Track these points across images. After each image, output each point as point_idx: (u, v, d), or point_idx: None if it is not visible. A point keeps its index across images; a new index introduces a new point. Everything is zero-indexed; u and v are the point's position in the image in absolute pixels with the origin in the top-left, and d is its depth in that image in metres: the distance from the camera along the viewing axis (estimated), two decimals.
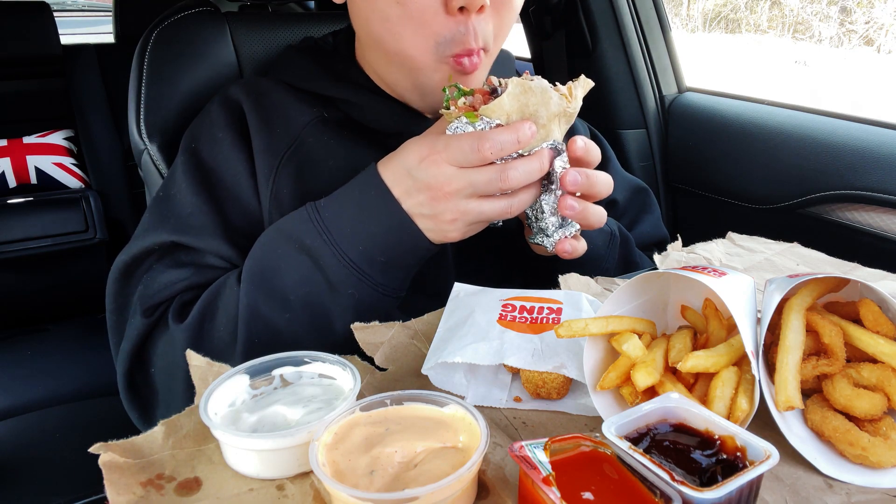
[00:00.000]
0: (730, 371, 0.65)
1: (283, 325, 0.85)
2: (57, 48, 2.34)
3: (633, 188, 1.30)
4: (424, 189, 0.80)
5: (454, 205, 0.80)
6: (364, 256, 0.84)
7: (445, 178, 0.79)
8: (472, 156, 0.77)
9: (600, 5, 1.94)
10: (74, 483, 1.52)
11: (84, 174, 2.42)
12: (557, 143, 0.82)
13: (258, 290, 0.86)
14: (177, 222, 0.97)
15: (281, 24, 1.41)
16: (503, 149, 0.77)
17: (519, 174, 0.78)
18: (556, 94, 0.80)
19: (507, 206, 0.81)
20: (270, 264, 0.87)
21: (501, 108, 0.78)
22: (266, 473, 0.60)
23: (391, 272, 0.86)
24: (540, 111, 0.79)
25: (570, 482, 0.52)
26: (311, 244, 0.85)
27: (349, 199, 0.86)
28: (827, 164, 1.53)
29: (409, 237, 0.83)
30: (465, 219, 0.81)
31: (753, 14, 9.02)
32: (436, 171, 0.79)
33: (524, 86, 0.78)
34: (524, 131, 0.77)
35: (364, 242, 0.84)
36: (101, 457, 0.58)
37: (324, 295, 0.85)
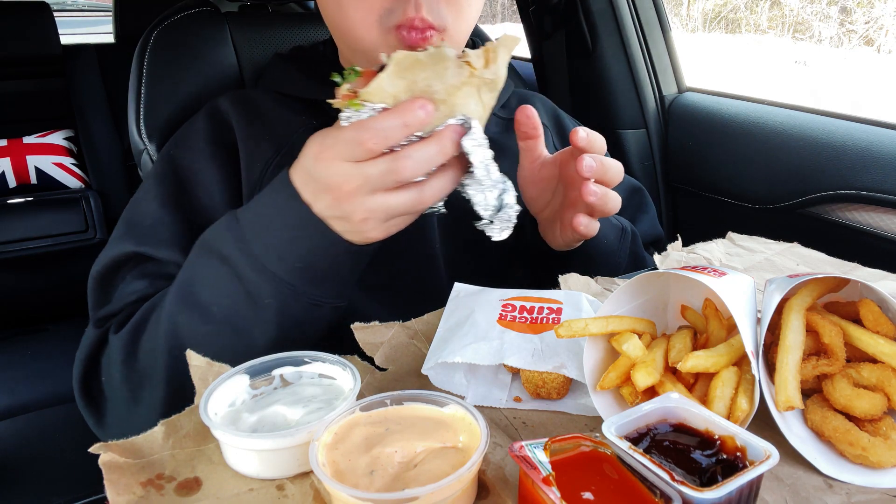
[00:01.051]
0: (730, 371, 0.65)
1: (203, 338, 0.80)
2: (57, 48, 2.34)
3: (628, 188, 1.30)
4: (325, 190, 0.74)
5: (359, 203, 0.73)
6: (281, 264, 0.78)
7: (341, 177, 0.72)
8: (357, 150, 0.70)
9: (600, 5, 1.94)
10: (74, 483, 1.52)
11: (84, 174, 2.42)
12: (466, 118, 0.72)
13: (181, 302, 0.83)
14: (141, 232, 0.96)
15: (281, 24, 1.41)
16: (389, 136, 0.69)
17: (414, 163, 0.70)
18: (454, 62, 0.70)
19: (416, 197, 0.73)
20: (195, 276, 0.84)
21: (382, 89, 0.69)
22: (266, 473, 0.60)
23: (315, 280, 0.80)
24: (434, 85, 0.69)
25: (570, 482, 0.52)
26: (229, 254, 0.80)
27: (263, 205, 0.81)
28: (827, 164, 1.53)
29: (325, 241, 0.77)
30: (377, 216, 0.74)
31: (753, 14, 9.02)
32: (330, 170, 0.72)
33: (410, 59, 0.68)
34: (414, 114, 0.68)
35: (279, 249, 0.78)
36: (101, 457, 0.58)
37: (245, 307, 0.80)
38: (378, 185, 0.71)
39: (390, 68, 0.68)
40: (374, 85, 0.69)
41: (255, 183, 1.01)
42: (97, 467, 0.57)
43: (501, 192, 0.76)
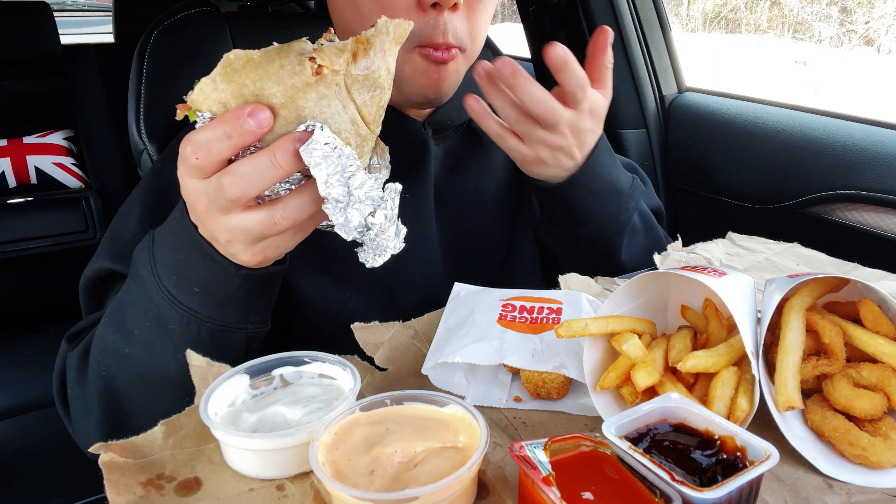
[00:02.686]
0: (730, 371, 0.65)
1: (125, 360, 0.78)
2: (57, 48, 2.35)
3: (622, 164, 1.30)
4: (190, 209, 0.69)
5: (217, 224, 0.66)
6: (178, 286, 0.74)
7: (193, 194, 0.66)
8: (185, 165, 0.63)
9: (600, 5, 1.94)
10: (74, 483, 1.52)
11: (84, 174, 2.42)
12: (313, 125, 0.61)
13: (111, 323, 0.81)
14: (118, 249, 0.95)
15: (281, 25, 1.41)
16: (212, 150, 0.60)
17: (237, 178, 0.61)
18: (294, 59, 0.58)
19: (267, 218, 0.64)
20: (122, 296, 0.81)
21: (206, 95, 0.59)
22: (266, 473, 0.60)
23: (215, 305, 0.74)
24: (267, 88, 0.59)
25: (570, 482, 0.52)
26: (142, 273, 0.76)
27: (167, 226, 0.76)
28: (827, 164, 1.53)
29: (214, 264, 0.71)
30: (239, 238, 0.67)
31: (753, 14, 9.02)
32: (185, 187, 0.67)
33: (242, 59, 0.58)
34: (238, 122, 0.58)
35: (177, 272, 0.74)
36: (101, 457, 0.58)
37: (158, 330, 0.76)
38: (220, 204, 0.64)
39: (217, 70, 0.58)
40: (196, 92, 0.59)
41: None
42: (97, 467, 0.57)
43: (371, 211, 0.63)
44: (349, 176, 0.62)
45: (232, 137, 0.59)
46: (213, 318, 0.75)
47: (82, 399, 0.85)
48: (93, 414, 0.82)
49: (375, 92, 0.63)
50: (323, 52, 0.59)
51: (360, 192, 0.62)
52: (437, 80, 0.92)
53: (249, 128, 0.58)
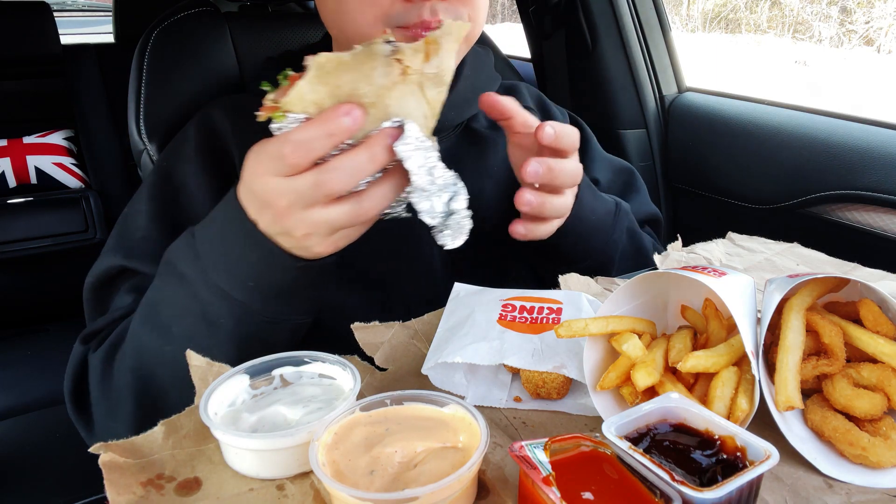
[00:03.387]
0: (730, 371, 0.65)
1: (165, 358, 0.79)
2: (57, 48, 2.34)
3: (616, 168, 1.29)
4: (265, 206, 0.70)
5: (297, 219, 0.68)
6: (231, 282, 0.75)
7: (274, 193, 0.68)
8: (280, 164, 0.66)
9: (600, 5, 1.94)
10: (74, 483, 1.52)
11: (84, 174, 2.42)
12: (400, 121, 0.66)
13: (145, 321, 0.81)
14: (130, 246, 0.96)
15: (281, 24, 1.41)
16: (312, 148, 0.64)
17: (341, 174, 0.65)
18: (382, 60, 0.64)
19: (355, 210, 0.68)
20: (158, 294, 0.82)
21: (302, 98, 0.63)
22: (266, 473, 0.60)
23: (268, 297, 0.77)
24: (360, 88, 0.64)
25: (570, 482, 0.52)
26: (185, 270, 0.78)
27: (214, 222, 0.78)
28: (827, 164, 1.53)
29: (274, 258, 0.73)
30: (319, 231, 0.70)
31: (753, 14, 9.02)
32: (264, 186, 0.68)
33: (333, 62, 0.62)
34: (337, 121, 0.62)
35: (229, 267, 0.75)
36: (101, 457, 0.58)
37: (202, 326, 0.77)
38: (311, 200, 0.67)
39: (310, 74, 0.62)
40: (293, 94, 0.63)
41: None
42: (97, 467, 0.57)
43: (450, 197, 0.70)
44: (431, 166, 0.68)
45: (333, 136, 0.63)
46: (265, 311, 0.77)
47: (108, 400, 0.85)
48: (122, 414, 0.82)
49: (441, 88, 0.69)
50: (404, 53, 0.64)
51: (441, 180, 0.69)
52: None
53: (347, 126, 0.63)
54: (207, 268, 0.76)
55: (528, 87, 1.31)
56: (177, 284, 0.79)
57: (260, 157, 0.69)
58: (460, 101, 1.07)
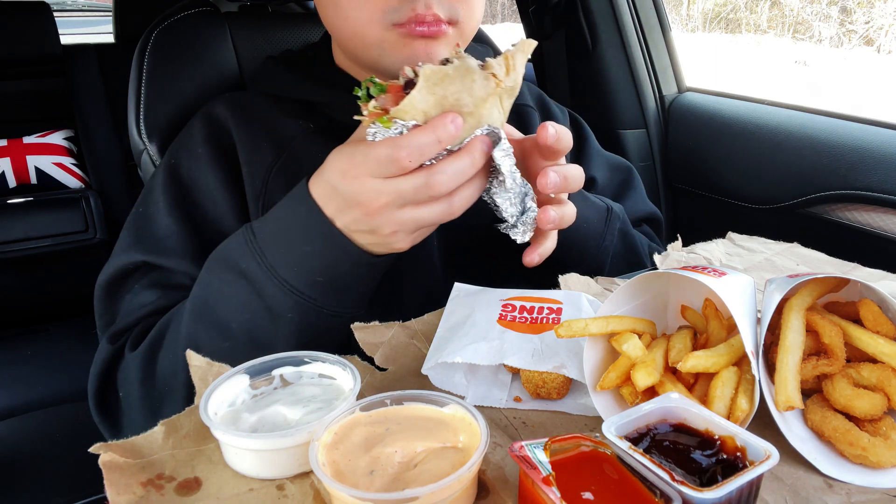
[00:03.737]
0: (730, 371, 0.65)
1: (224, 354, 0.79)
2: (57, 48, 2.34)
3: (613, 166, 1.29)
4: (354, 205, 0.74)
5: (389, 217, 0.73)
6: (300, 277, 0.78)
7: (371, 193, 0.72)
8: (390, 167, 0.70)
9: (600, 5, 1.94)
10: (74, 483, 1.52)
11: (84, 174, 2.42)
12: (492, 129, 0.73)
13: (199, 319, 0.83)
14: (150, 242, 0.96)
15: (281, 24, 1.41)
16: (423, 153, 0.69)
17: (448, 177, 0.71)
18: (480, 74, 0.70)
19: (447, 209, 0.74)
20: (211, 291, 0.83)
21: (414, 106, 0.68)
22: (266, 473, 0.60)
23: (335, 292, 0.80)
24: (463, 98, 0.69)
25: (570, 482, 0.52)
26: (247, 268, 0.80)
27: (281, 219, 0.81)
28: (827, 164, 1.53)
29: (347, 255, 0.77)
30: (405, 228, 0.75)
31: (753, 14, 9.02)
32: (359, 187, 0.72)
33: (438, 74, 0.68)
34: (446, 129, 0.68)
35: (298, 263, 0.78)
36: (101, 457, 0.58)
37: (265, 321, 0.80)
38: (410, 200, 0.72)
39: (421, 85, 0.68)
40: (406, 103, 0.68)
41: (258, 189, 1.01)
42: (97, 467, 0.57)
43: (524, 197, 0.78)
44: (513, 171, 0.76)
45: (441, 142, 0.69)
46: (330, 305, 0.80)
47: (152, 400, 0.85)
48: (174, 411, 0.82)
49: (513, 99, 0.76)
50: (492, 68, 0.70)
51: (520, 181, 0.77)
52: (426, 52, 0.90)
53: (452, 133, 0.69)
54: (276, 265, 0.79)
55: (528, 86, 1.31)
56: (236, 281, 0.81)
57: (356, 159, 0.72)
58: None
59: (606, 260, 1.06)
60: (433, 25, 0.88)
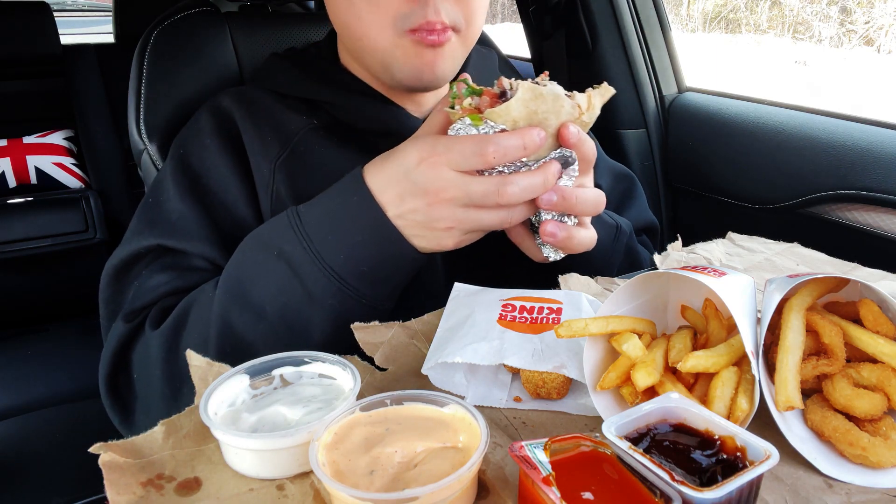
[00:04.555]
0: (730, 371, 0.65)
1: (256, 336, 0.81)
2: (57, 48, 2.34)
3: (616, 175, 1.29)
4: (421, 194, 0.75)
5: (450, 212, 0.75)
6: (346, 266, 0.79)
7: (444, 183, 0.74)
8: (474, 159, 0.72)
9: (600, 5, 1.94)
10: (74, 483, 1.52)
11: (84, 174, 2.42)
12: (567, 154, 0.77)
13: (233, 299, 0.82)
14: (164, 226, 0.96)
15: (281, 24, 1.41)
16: (507, 154, 0.71)
17: (518, 190, 0.73)
18: (568, 102, 0.75)
19: (505, 218, 0.77)
20: (247, 272, 0.83)
21: (508, 113, 0.73)
22: (266, 473, 0.60)
23: (376, 283, 0.82)
24: (550, 119, 0.74)
25: (570, 482, 0.52)
26: (291, 251, 0.80)
27: (331, 205, 0.81)
28: (827, 164, 1.53)
29: (395, 247, 0.79)
30: (462, 227, 0.77)
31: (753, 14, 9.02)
32: (434, 175, 0.74)
33: (535, 91, 0.73)
34: (532, 138, 0.72)
35: (346, 251, 0.79)
36: (101, 457, 0.58)
37: (302, 305, 0.80)
38: (476, 202, 0.74)
39: (520, 95, 0.72)
40: (503, 108, 0.72)
41: (267, 178, 1.01)
42: (97, 467, 0.57)
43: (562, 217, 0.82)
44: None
45: (526, 149, 0.72)
46: (368, 295, 0.81)
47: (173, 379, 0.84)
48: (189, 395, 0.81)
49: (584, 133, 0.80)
50: (579, 100, 0.76)
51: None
52: (432, 62, 0.92)
53: (536, 144, 0.72)
54: (322, 251, 0.79)
55: None
56: (276, 264, 0.81)
57: (439, 148, 0.74)
58: None
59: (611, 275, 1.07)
60: (441, 34, 0.90)
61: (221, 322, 0.82)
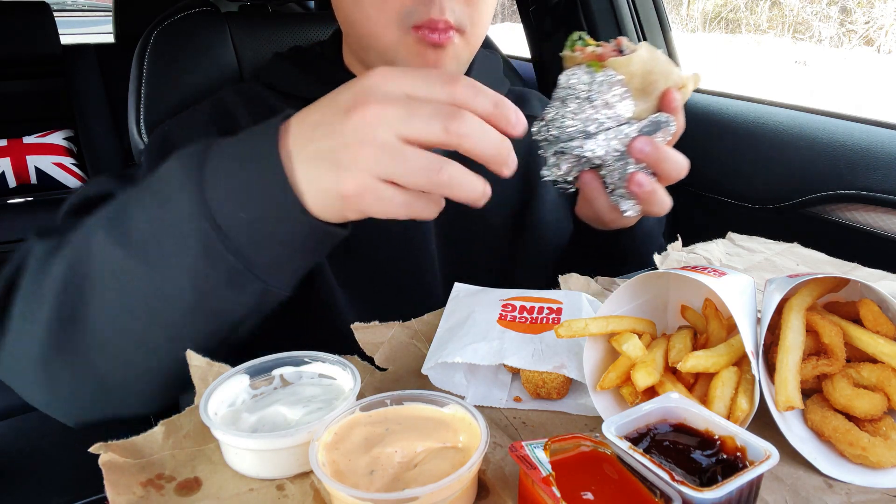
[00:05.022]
0: (730, 371, 0.65)
1: (112, 263, 0.66)
2: (57, 48, 2.35)
3: None
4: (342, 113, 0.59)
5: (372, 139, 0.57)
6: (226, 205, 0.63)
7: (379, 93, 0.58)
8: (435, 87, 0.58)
9: (600, 5, 1.94)
10: (74, 483, 1.52)
11: (84, 174, 2.42)
12: (663, 120, 0.78)
13: (105, 224, 0.69)
14: (126, 179, 0.87)
15: (281, 25, 1.41)
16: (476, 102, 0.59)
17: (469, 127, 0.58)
18: (676, 71, 0.77)
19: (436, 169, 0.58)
20: (125, 203, 0.69)
21: (629, 65, 0.73)
22: (266, 473, 0.60)
23: (253, 241, 0.64)
24: (659, 83, 0.76)
25: (570, 482, 0.52)
26: (179, 177, 0.65)
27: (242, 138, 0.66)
28: (827, 164, 1.53)
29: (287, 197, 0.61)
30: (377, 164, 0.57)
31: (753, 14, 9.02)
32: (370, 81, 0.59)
33: (653, 53, 0.75)
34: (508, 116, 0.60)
35: (231, 185, 0.63)
36: (101, 457, 0.58)
37: (164, 236, 0.65)
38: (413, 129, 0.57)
39: (641, 53, 0.74)
40: (625, 58, 0.73)
41: None
42: (97, 467, 0.57)
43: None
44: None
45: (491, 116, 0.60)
46: (241, 255, 0.64)
47: (35, 296, 0.71)
48: (42, 314, 0.70)
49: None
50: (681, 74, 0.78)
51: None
52: (435, 62, 0.91)
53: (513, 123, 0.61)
54: (206, 178, 0.63)
55: (538, 97, 1.31)
56: (158, 187, 0.66)
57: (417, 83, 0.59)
58: None
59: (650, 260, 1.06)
60: (443, 33, 0.89)
61: (84, 235, 0.69)
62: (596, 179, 0.83)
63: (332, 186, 0.60)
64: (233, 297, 0.67)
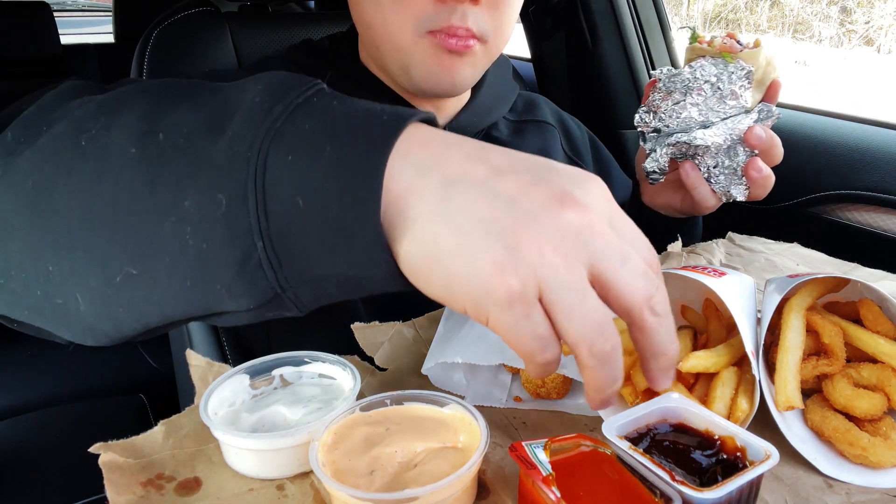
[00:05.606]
0: (730, 371, 0.65)
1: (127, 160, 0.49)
2: (57, 48, 2.35)
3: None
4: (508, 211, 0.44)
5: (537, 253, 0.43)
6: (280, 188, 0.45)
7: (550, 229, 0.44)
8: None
9: (600, 5, 1.94)
10: (74, 483, 1.52)
11: None
12: (768, 108, 0.86)
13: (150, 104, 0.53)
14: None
15: (281, 25, 1.41)
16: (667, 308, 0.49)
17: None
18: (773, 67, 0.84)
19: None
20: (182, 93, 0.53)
21: (756, 57, 0.80)
22: (266, 473, 0.60)
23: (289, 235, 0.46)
24: (771, 74, 0.83)
25: (570, 482, 0.52)
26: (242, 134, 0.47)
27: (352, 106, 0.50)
28: (827, 164, 1.53)
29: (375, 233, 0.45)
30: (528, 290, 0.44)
31: (753, 14, 9.01)
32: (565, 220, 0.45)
33: (769, 47, 0.82)
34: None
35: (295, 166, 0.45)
36: (101, 457, 0.58)
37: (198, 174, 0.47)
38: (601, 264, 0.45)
39: (764, 48, 0.81)
40: (755, 51, 0.80)
41: None
42: (97, 467, 0.57)
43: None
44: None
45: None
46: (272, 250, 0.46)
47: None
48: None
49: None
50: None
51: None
52: (451, 67, 0.90)
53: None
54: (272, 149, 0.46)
55: (546, 102, 1.31)
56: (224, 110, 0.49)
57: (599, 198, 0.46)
58: (483, 109, 1.07)
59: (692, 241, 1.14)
60: (462, 40, 0.87)
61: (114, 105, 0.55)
62: (696, 168, 0.92)
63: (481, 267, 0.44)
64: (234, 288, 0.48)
